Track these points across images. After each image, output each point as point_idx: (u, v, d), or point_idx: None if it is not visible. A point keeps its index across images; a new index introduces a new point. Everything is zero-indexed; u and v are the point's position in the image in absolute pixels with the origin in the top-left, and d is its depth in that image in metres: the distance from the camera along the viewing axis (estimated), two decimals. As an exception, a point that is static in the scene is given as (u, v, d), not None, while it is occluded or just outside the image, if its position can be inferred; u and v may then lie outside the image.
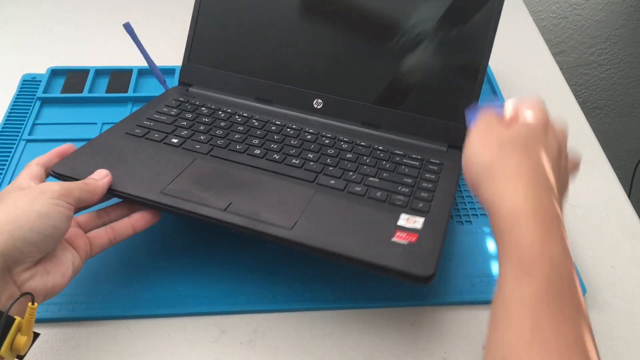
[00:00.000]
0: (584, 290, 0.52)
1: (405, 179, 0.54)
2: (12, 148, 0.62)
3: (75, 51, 0.78)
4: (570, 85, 0.79)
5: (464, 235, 0.57)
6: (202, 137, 0.58)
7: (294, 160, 0.56)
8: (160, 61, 0.74)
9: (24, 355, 0.39)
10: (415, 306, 0.51)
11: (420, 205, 0.51)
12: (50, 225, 0.40)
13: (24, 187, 0.44)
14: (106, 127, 0.65)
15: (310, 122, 0.62)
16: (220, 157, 0.55)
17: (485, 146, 0.42)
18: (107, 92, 0.70)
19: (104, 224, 0.48)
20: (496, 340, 0.34)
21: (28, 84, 0.70)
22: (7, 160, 0.61)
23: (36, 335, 0.40)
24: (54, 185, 0.43)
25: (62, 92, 0.70)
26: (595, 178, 0.65)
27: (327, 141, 0.59)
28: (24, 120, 0.65)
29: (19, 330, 0.38)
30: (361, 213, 0.50)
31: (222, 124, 0.60)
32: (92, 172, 0.49)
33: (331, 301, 0.50)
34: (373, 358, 0.47)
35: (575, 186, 0.64)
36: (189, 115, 0.61)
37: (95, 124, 0.66)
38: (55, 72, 0.72)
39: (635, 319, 0.52)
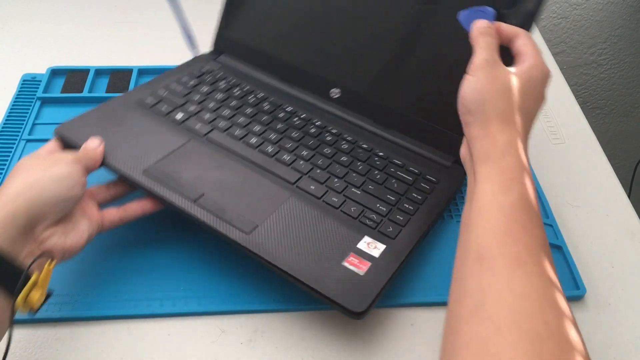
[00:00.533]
0: (584, 291, 0.52)
1: (388, 196, 0.53)
2: (12, 148, 0.62)
3: (75, 51, 0.77)
4: (570, 85, 0.79)
5: (464, 235, 0.56)
6: (207, 116, 0.58)
7: (284, 156, 0.55)
8: (160, 61, 0.74)
9: (37, 311, 0.42)
10: (416, 306, 0.51)
11: (390, 229, 0.50)
12: (68, 188, 0.45)
13: (41, 155, 0.49)
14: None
15: (322, 112, 0.62)
16: (215, 141, 0.56)
17: (490, 79, 0.45)
18: (107, 92, 0.70)
19: (114, 196, 0.53)
20: (470, 238, 0.40)
21: (28, 84, 0.70)
22: (7, 160, 0.61)
23: (49, 294, 0.43)
24: (68, 154, 0.49)
25: (62, 92, 0.70)
26: (595, 178, 0.65)
27: (329, 138, 0.58)
28: (24, 120, 0.65)
29: (34, 285, 0.42)
30: (327, 227, 0.49)
31: (233, 102, 0.60)
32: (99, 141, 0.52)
33: (331, 301, 0.50)
34: (373, 358, 0.47)
35: (576, 186, 0.64)
36: (205, 89, 0.61)
37: (95, 123, 0.66)
38: (55, 72, 0.72)
39: (635, 319, 0.52)
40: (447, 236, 0.56)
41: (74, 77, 0.72)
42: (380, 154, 0.57)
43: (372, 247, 0.48)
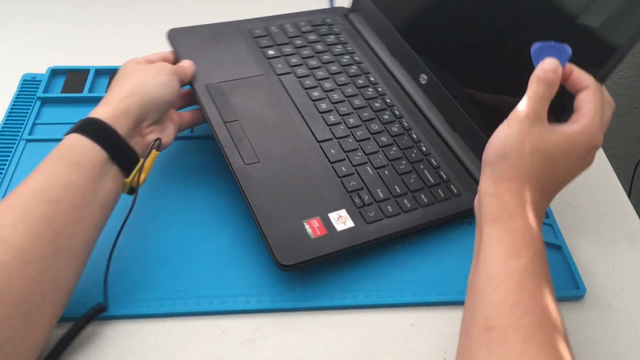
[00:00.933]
0: (584, 291, 0.52)
1: (396, 186, 0.54)
2: (12, 148, 0.62)
3: (75, 51, 0.77)
4: (570, 85, 0.79)
5: (464, 235, 0.56)
6: (294, 60, 0.63)
7: (331, 117, 0.58)
8: (160, 61, 0.74)
9: (134, 191, 0.49)
10: (415, 306, 0.51)
11: (370, 214, 0.51)
12: (168, 93, 0.53)
13: (144, 63, 0.56)
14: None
15: (401, 92, 0.63)
16: (284, 83, 0.60)
17: (522, 137, 0.42)
18: (107, 92, 0.70)
19: (188, 103, 0.61)
20: (478, 305, 0.39)
21: (28, 84, 0.70)
22: (7, 160, 0.60)
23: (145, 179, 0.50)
24: (169, 65, 0.55)
25: (62, 92, 0.70)
26: (595, 178, 0.65)
27: (386, 116, 0.59)
28: (24, 120, 0.65)
29: (141, 169, 0.49)
30: (315, 188, 0.52)
31: (326, 56, 0.64)
32: (196, 56, 0.60)
33: (331, 301, 0.50)
34: (373, 358, 0.47)
35: (576, 186, 0.64)
36: (312, 37, 0.66)
37: (95, 123, 0.66)
38: (55, 72, 0.72)
39: (635, 319, 0.52)
40: (448, 236, 0.56)
41: (74, 77, 0.72)
42: (423, 148, 0.58)
43: (341, 221, 0.50)
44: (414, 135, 0.59)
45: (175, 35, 0.63)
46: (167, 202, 0.57)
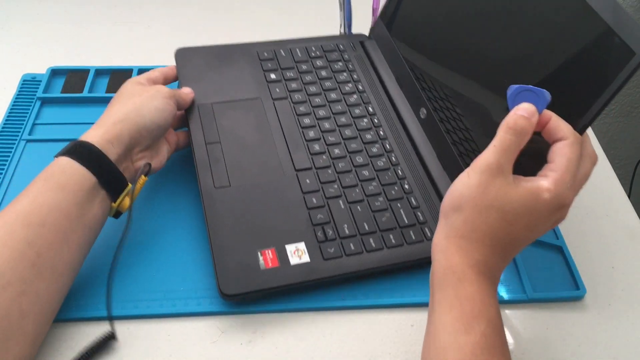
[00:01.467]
0: (584, 291, 0.52)
1: (365, 224, 0.51)
2: (12, 148, 0.62)
3: (75, 51, 0.77)
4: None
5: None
6: (293, 86, 0.62)
7: (315, 145, 0.57)
8: (159, 61, 0.74)
9: (120, 215, 0.50)
10: (415, 306, 0.51)
11: (329, 250, 0.49)
12: (163, 119, 0.52)
13: (143, 83, 0.55)
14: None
15: (397, 124, 0.61)
16: (277, 107, 0.60)
17: (481, 189, 0.38)
18: (107, 92, 0.70)
19: (183, 126, 0.60)
20: None
21: (28, 84, 0.70)
22: (7, 160, 0.60)
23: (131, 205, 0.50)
24: (166, 88, 0.54)
25: (62, 92, 0.70)
26: (595, 178, 0.65)
27: (374, 149, 0.57)
28: (24, 120, 0.65)
29: (127, 193, 0.49)
30: (280, 218, 0.50)
31: (328, 83, 0.63)
32: (198, 76, 0.61)
33: (331, 301, 0.50)
34: (373, 358, 0.47)
35: (575, 186, 0.64)
36: (319, 63, 0.65)
37: (95, 124, 0.66)
38: (55, 72, 0.72)
39: (635, 319, 0.52)
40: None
41: (74, 77, 0.72)
42: (406, 186, 0.55)
43: (297, 254, 0.49)
44: (399, 172, 0.56)
45: (182, 55, 0.64)
46: (167, 202, 0.57)
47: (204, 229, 0.54)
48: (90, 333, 0.47)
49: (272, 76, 0.63)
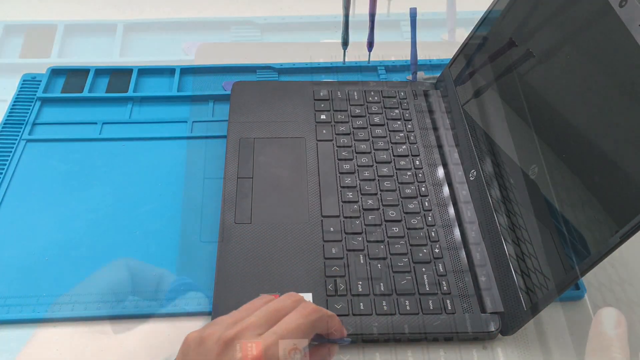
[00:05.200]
0: (584, 291, 0.52)
1: (381, 283, 0.48)
2: (12, 148, 0.62)
3: (75, 51, 0.77)
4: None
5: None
6: (341, 129, 0.61)
7: (349, 193, 0.54)
8: (160, 61, 0.74)
9: None
10: (415, 306, 0.51)
11: (337, 306, 0.46)
12: None
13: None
14: (106, 127, 0.65)
15: (441, 187, 0.56)
16: (318, 150, 0.58)
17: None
18: (107, 92, 0.70)
19: None
20: None
21: (28, 84, 0.70)
22: (7, 160, 0.60)
23: None
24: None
25: (62, 92, 0.69)
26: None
27: (412, 219, 0.53)
28: (24, 120, 0.65)
29: None
30: (298, 262, 0.49)
31: (378, 130, 0.61)
32: (248, 109, 0.62)
33: (331, 301, 0.50)
34: (373, 359, 0.47)
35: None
36: (374, 108, 0.63)
37: (96, 123, 0.66)
38: (55, 72, 0.72)
39: (635, 320, 0.51)
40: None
41: (74, 77, 0.71)
42: (436, 250, 0.51)
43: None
44: (432, 234, 0.52)
45: (239, 88, 0.64)
46: (167, 204, 0.57)
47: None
48: (91, 332, 0.47)
49: (322, 117, 0.62)
